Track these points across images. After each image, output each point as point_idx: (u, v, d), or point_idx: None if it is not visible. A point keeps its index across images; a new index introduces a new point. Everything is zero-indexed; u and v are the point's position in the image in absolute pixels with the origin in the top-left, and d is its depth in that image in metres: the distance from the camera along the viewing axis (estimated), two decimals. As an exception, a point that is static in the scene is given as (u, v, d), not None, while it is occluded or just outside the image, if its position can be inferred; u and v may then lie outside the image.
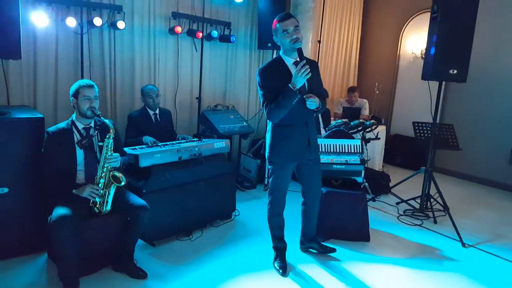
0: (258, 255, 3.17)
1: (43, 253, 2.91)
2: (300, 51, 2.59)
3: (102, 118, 2.71)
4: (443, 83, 3.95)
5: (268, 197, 2.98)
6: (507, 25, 5.26)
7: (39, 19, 3.40)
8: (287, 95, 2.56)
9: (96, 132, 2.74)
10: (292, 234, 3.27)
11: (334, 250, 3.22)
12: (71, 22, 3.57)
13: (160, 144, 3.52)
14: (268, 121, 2.87)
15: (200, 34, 4.52)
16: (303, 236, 3.26)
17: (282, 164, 2.85)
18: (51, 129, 2.67)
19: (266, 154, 2.89)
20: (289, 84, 2.55)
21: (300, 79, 2.54)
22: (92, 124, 2.75)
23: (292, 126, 2.74)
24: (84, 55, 3.80)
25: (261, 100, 2.73)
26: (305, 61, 2.56)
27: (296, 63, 2.67)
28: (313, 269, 3.02)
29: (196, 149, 3.46)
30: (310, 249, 3.25)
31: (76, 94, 2.67)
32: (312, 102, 2.62)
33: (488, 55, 5.37)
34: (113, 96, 4.19)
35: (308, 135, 2.81)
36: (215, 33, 4.62)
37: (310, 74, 2.53)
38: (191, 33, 4.52)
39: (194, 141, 3.75)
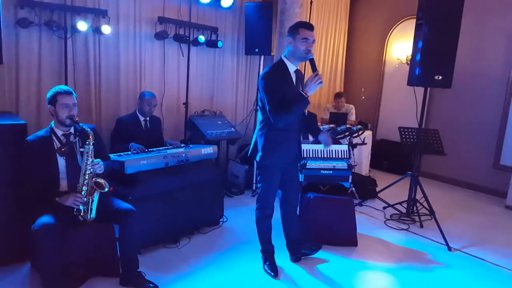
0: (247, 262, 3.15)
1: (26, 262, 2.83)
2: (312, 61, 2.67)
3: (81, 124, 2.59)
4: (428, 88, 4.00)
5: (257, 203, 2.96)
6: (490, 32, 5.38)
7: (21, 24, 3.34)
8: (300, 101, 2.61)
9: (77, 138, 2.66)
10: (282, 240, 3.25)
11: (319, 248, 3.28)
12: (55, 26, 3.50)
13: (146, 150, 3.47)
14: (258, 124, 2.86)
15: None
16: (289, 245, 3.21)
17: (274, 168, 2.85)
18: (30, 138, 2.59)
19: (258, 157, 2.84)
20: (301, 91, 2.61)
21: (313, 87, 2.60)
22: (72, 130, 2.67)
23: (287, 131, 2.79)
24: (68, 59, 3.74)
25: (267, 105, 2.68)
26: (318, 71, 2.63)
27: (297, 72, 2.80)
28: (301, 275, 3.00)
29: (183, 155, 3.43)
30: (301, 256, 3.22)
31: (53, 101, 2.58)
32: None
33: (472, 61, 5.48)
34: (98, 101, 4.13)
35: (299, 141, 2.88)
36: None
37: (322, 84, 2.62)
38: (177, 38, 4.50)
39: (181, 147, 3.71)
